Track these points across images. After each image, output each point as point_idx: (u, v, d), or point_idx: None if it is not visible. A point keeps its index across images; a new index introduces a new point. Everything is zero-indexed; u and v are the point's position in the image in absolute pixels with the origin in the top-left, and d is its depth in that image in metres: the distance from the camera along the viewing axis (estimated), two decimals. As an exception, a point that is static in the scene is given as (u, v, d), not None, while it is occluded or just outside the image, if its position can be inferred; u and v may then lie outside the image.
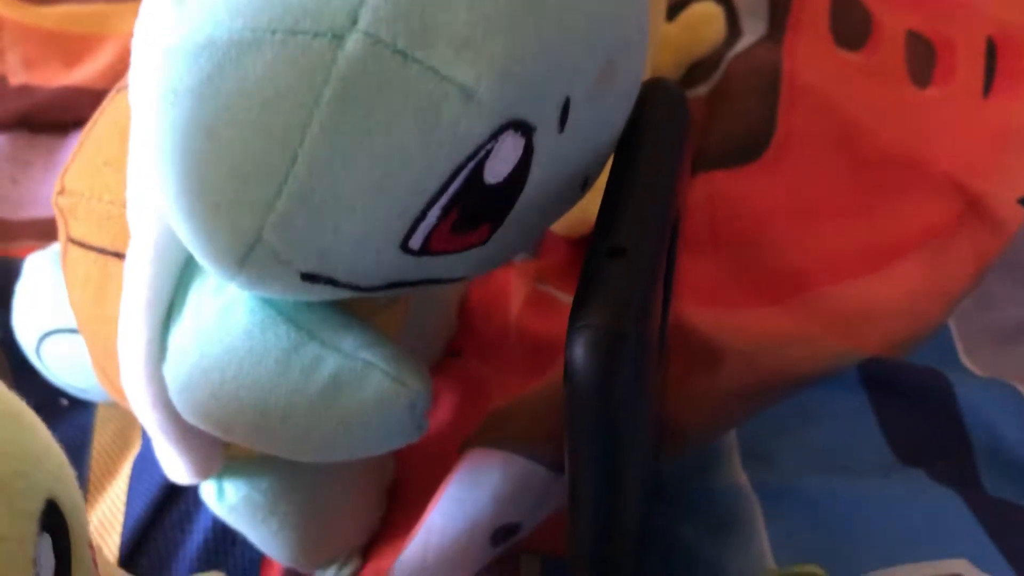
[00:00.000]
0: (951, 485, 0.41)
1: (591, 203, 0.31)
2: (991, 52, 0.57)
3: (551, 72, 0.23)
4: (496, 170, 0.24)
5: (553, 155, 0.25)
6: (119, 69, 0.58)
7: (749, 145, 0.53)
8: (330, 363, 0.27)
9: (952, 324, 0.48)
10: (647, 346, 0.28)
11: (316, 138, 0.22)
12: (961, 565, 0.38)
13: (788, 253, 0.50)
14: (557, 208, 0.28)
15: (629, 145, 0.28)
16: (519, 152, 0.24)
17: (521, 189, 0.25)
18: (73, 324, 0.38)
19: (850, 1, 0.60)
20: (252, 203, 0.22)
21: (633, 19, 0.25)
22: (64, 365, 0.44)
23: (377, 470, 0.42)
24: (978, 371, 0.46)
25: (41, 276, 0.43)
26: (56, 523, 0.23)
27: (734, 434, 0.44)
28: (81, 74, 0.58)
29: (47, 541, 0.23)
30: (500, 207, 0.25)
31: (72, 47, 0.60)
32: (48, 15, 0.61)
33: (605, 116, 0.26)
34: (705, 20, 0.55)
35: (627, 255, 0.25)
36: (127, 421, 0.46)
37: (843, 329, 0.46)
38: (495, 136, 0.23)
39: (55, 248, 0.44)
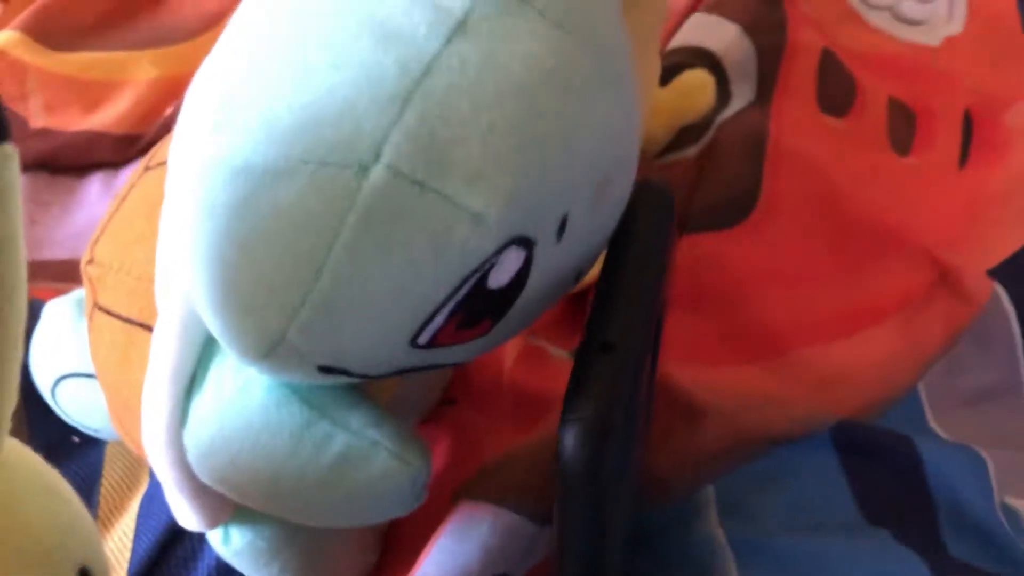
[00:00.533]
0: (914, 547, 0.43)
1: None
2: (967, 124, 0.60)
3: (552, 196, 0.26)
4: (499, 278, 0.26)
5: (551, 261, 0.27)
6: (135, 114, 0.61)
7: (734, 208, 0.55)
8: (339, 440, 0.29)
9: (921, 388, 0.50)
10: (633, 429, 0.30)
11: (339, 256, 0.24)
12: (920, 625, 0.41)
13: (768, 314, 0.52)
14: (553, 299, 0.31)
15: (619, 244, 0.30)
16: (520, 262, 0.26)
17: (521, 291, 0.28)
18: (88, 369, 0.40)
19: (836, 68, 0.63)
20: (278, 309, 0.25)
21: (626, 140, 0.28)
22: (78, 407, 0.46)
23: (374, 517, 0.45)
24: (945, 434, 0.49)
25: (60, 322, 0.45)
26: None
27: (712, 489, 0.47)
28: (99, 119, 0.61)
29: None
30: (501, 306, 0.28)
31: (91, 93, 0.62)
32: (70, 61, 0.64)
33: (599, 223, 0.29)
34: (697, 87, 0.58)
35: (615, 351, 0.28)
36: (135, 459, 0.49)
37: (818, 391, 0.49)
38: (500, 251, 0.25)
39: (74, 295, 0.46)
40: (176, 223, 0.26)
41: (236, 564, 0.42)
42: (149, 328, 0.32)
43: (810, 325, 0.52)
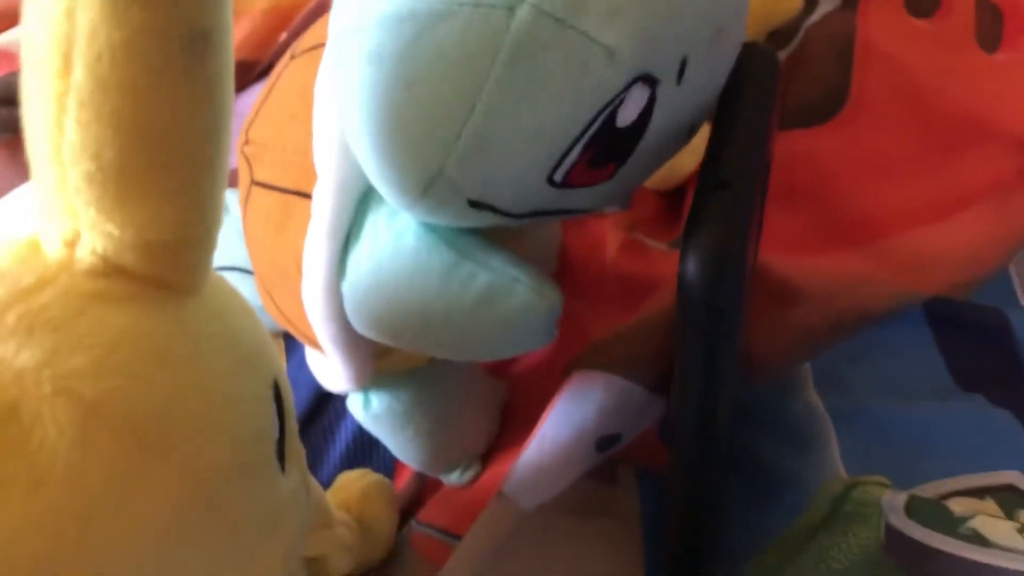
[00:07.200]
0: (1008, 407, 0.46)
1: (678, 161, 0.37)
2: (1057, 17, 0.61)
3: (675, 36, 0.29)
4: (626, 115, 0.29)
5: (671, 104, 0.30)
6: (251, 42, 0.65)
7: (825, 106, 0.58)
8: (483, 278, 0.33)
9: (1012, 268, 0.52)
10: (745, 265, 0.33)
11: (491, 91, 0.27)
12: (1013, 476, 0.43)
13: (860, 204, 0.54)
14: (668, 151, 0.34)
15: (730, 97, 0.33)
16: (644, 100, 0.29)
17: (644, 132, 0.31)
18: (239, 263, 0.45)
19: (921, -31, 0.64)
20: (438, 142, 0.28)
21: (739, -7, 0.31)
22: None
23: (494, 390, 0.49)
24: (1035, 310, 0.51)
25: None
26: (277, 398, 0.30)
27: (808, 366, 0.50)
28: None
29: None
30: (626, 148, 0.31)
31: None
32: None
33: (713, 72, 0.32)
34: (784, -9, 0.60)
35: (731, 187, 0.31)
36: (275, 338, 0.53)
37: (910, 272, 0.51)
38: (628, 87, 0.29)
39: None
40: (342, 78, 0.30)
41: (374, 429, 0.46)
42: (304, 195, 0.36)
43: (901, 213, 0.54)
